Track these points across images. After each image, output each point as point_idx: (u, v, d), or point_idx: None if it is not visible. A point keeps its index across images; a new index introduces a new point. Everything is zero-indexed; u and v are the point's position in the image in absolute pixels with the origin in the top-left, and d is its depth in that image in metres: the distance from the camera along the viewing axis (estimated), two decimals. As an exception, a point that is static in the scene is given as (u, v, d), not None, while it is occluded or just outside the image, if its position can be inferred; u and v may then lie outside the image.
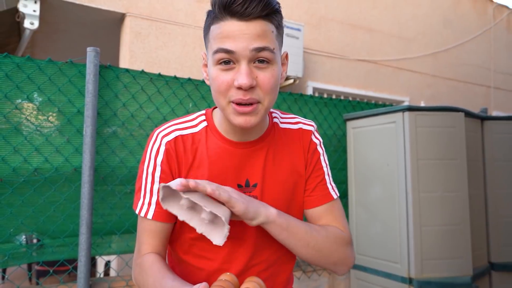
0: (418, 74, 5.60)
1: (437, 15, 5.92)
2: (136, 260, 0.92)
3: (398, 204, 2.34)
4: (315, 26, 4.68)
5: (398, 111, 2.38)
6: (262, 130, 0.96)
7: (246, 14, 0.78)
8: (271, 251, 0.98)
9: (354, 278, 2.66)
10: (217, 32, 0.81)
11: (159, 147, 0.91)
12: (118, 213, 2.07)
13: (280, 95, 2.61)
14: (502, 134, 2.74)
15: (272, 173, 0.95)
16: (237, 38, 0.79)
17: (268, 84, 0.82)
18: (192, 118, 0.97)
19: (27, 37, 3.54)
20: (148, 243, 0.91)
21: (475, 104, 6.04)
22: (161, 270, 0.83)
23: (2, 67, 1.77)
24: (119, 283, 2.05)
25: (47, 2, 3.34)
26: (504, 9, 6.87)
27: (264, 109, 0.85)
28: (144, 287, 0.86)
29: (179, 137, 0.92)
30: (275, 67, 0.84)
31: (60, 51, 4.98)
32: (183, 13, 3.83)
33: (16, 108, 1.81)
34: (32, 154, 1.83)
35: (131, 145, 2.08)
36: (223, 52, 0.80)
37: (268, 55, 0.81)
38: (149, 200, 0.91)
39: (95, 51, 1.94)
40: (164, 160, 0.90)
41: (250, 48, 0.79)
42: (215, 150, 0.92)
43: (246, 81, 0.79)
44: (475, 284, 2.27)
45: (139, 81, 2.12)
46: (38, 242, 1.88)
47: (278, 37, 0.85)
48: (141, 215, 0.91)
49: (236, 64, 0.81)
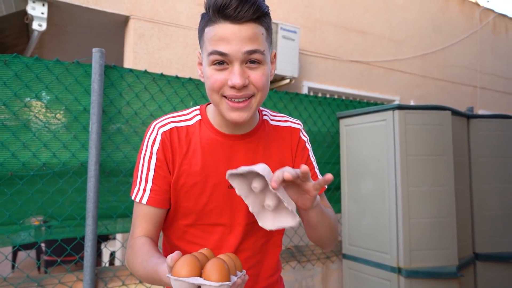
0: (408, 74, 5.61)
1: (426, 19, 5.92)
2: (129, 243, 0.93)
3: (388, 197, 2.35)
4: (310, 28, 4.68)
5: (389, 109, 2.38)
6: (253, 125, 0.98)
7: (238, 18, 0.79)
8: (257, 237, 0.99)
9: (346, 267, 2.67)
10: (211, 35, 0.82)
11: (156, 137, 0.93)
12: (123, 206, 2.07)
13: (277, 94, 2.61)
14: (487, 132, 2.75)
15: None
16: (230, 41, 0.80)
17: (260, 82, 0.85)
18: (187, 112, 0.99)
19: (35, 39, 3.53)
20: (141, 227, 0.92)
21: (462, 103, 6.06)
22: (149, 251, 0.84)
23: (12, 67, 1.76)
24: (123, 271, 2.05)
25: (55, 4, 3.33)
26: (490, 13, 6.87)
27: (256, 103, 0.88)
28: (133, 266, 0.87)
29: (174, 129, 0.94)
30: (265, 66, 0.86)
31: (67, 52, 4.97)
32: (184, 15, 3.82)
33: (25, 106, 1.81)
34: (41, 150, 1.83)
35: (134, 141, 2.08)
36: (217, 54, 0.82)
37: (258, 57, 0.83)
38: (144, 186, 0.92)
39: (100, 51, 1.94)
40: (160, 149, 0.92)
41: (243, 51, 0.81)
42: (208, 141, 0.94)
43: (239, 81, 0.81)
44: (460, 273, 2.28)
45: (142, 81, 2.11)
46: (46, 224, 1.90)
47: (267, 39, 0.87)
48: (136, 200, 0.92)
49: (229, 65, 0.83)
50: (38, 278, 1.87)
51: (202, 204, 0.93)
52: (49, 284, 1.86)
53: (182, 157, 0.93)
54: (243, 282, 0.69)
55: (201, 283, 0.62)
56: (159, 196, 0.91)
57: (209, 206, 0.93)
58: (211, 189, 0.93)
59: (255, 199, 0.82)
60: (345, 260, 2.68)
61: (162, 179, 0.92)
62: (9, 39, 3.71)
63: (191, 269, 0.63)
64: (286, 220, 0.80)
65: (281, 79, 4.13)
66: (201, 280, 0.63)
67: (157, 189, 0.91)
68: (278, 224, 0.80)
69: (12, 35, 3.64)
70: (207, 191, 0.93)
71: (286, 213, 0.80)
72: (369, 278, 2.47)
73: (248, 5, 0.79)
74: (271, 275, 1.04)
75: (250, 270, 0.98)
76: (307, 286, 2.70)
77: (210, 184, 0.93)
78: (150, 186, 0.91)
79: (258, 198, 0.82)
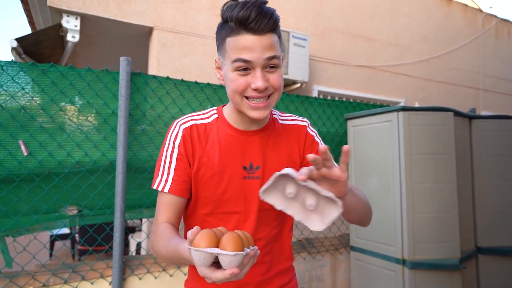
0: (412, 78, 5.52)
1: (430, 24, 5.81)
2: (153, 228, 0.95)
3: (393, 193, 2.33)
4: (319, 36, 4.65)
5: (393, 111, 2.36)
6: (265, 122, 1.01)
7: (260, 30, 0.84)
8: (271, 228, 1.01)
9: (353, 259, 2.66)
10: (235, 44, 0.86)
11: (177, 133, 0.96)
12: (147, 200, 2.11)
13: (288, 97, 2.62)
14: (488, 132, 2.68)
15: (272, 158, 0.99)
16: (253, 50, 0.85)
17: (277, 83, 0.90)
18: (205, 112, 1.03)
19: (69, 49, 3.61)
20: (164, 214, 0.94)
21: (465, 104, 5.92)
22: (171, 233, 0.86)
23: (49, 75, 1.81)
24: (148, 260, 2.09)
25: (86, 18, 3.40)
26: (492, 18, 6.69)
27: (274, 101, 0.92)
28: (156, 248, 0.89)
29: (194, 126, 0.97)
30: (281, 69, 0.91)
31: (97, 61, 5.06)
32: (203, 26, 3.85)
33: (60, 110, 1.85)
34: (74, 149, 1.87)
35: (158, 142, 2.10)
36: (241, 61, 0.86)
37: (276, 62, 0.88)
38: (167, 177, 0.94)
39: (127, 60, 1.98)
40: (181, 143, 0.95)
41: (264, 57, 0.85)
42: (224, 136, 0.97)
43: (262, 84, 0.86)
44: (462, 265, 2.24)
45: (165, 86, 2.14)
46: (79, 212, 1.96)
47: (280, 45, 0.92)
48: (159, 189, 0.94)
49: (251, 70, 0.87)
50: (72, 265, 1.92)
51: (220, 193, 0.95)
52: (82, 271, 1.90)
53: (202, 151, 0.95)
54: (255, 255, 0.70)
55: (218, 253, 0.63)
56: (179, 186, 0.94)
57: (226, 195, 0.95)
58: (227, 179, 0.95)
59: (295, 206, 0.81)
60: (353, 252, 2.66)
61: (182, 171, 0.94)
62: (46, 50, 3.81)
63: (209, 241, 0.64)
64: (331, 211, 0.78)
65: (292, 84, 4.12)
66: (218, 250, 0.64)
67: (178, 179, 0.94)
68: (326, 219, 0.78)
69: (48, 46, 3.74)
70: (224, 181, 0.95)
71: (329, 205, 0.78)
72: (375, 269, 2.45)
73: (266, 18, 0.84)
74: (284, 262, 1.05)
75: (265, 257, 0.99)
76: (316, 276, 2.70)
77: (227, 175, 0.95)
78: (172, 177, 0.94)
79: (297, 203, 0.81)
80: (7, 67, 1.71)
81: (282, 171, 0.77)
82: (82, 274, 1.89)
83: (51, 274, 1.82)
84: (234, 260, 0.63)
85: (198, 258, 0.64)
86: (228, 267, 0.63)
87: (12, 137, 1.72)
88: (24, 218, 1.76)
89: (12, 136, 1.72)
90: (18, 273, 1.78)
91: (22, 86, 1.76)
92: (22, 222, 1.77)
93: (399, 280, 2.26)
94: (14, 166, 1.72)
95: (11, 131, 1.72)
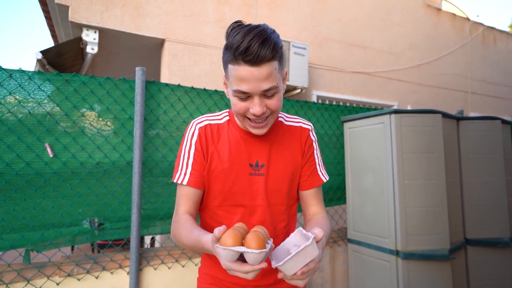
0: (405, 82, 5.51)
1: (421, 33, 5.80)
2: (174, 218, 0.97)
3: (387, 190, 2.34)
4: (318, 45, 4.67)
5: (386, 113, 2.37)
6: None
7: (258, 61, 0.81)
8: (277, 222, 1.03)
9: (350, 250, 2.67)
10: (234, 74, 0.85)
11: (194, 131, 1.00)
12: (161, 199, 2.13)
13: (289, 102, 2.64)
14: (475, 132, 2.68)
15: (277, 157, 1.01)
16: (250, 82, 0.83)
17: (275, 106, 0.90)
18: (218, 113, 1.06)
19: (89, 60, 3.66)
20: (183, 205, 0.97)
21: (454, 107, 5.90)
22: (192, 225, 0.89)
23: (72, 83, 1.85)
24: (162, 252, 2.12)
25: (104, 31, 3.45)
26: (479, 26, 6.66)
27: (272, 120, 0.94)
28: (178, 237, 0.92)
29: (208, 125, 1.01)
30: (279, 92, 0.90)
31: (114, 70, 5.11)
32: (211, 37, 3.89)
33: (82, 115, 1.88)
34: (95, 151, 1.90)
35: (170, 144, 2.13)
36: (240, 92, 0.86)
37: (273, 91, 0.87)
38: (185, 171, 0.97)
39: (142, 69, 2.00)
40: (197, 141, 0.98)
41: (261, 89, 0.84)
42: (234, 136, 1.00)
43: (259, 110, 0.86)
44: (452, 256, 2.24)
45: (176, 93, 2.17)
46: (101, 226, 1.97)
47: (280, 69, 0.88)
48: (179, 182, 0.97)
49: (250, 97, 0.87)
50: (94, 256, 1.95)
51: (228, 187, 0.98)
52: (103, 262, 1.94)
53: (214, 147, 0.99)
54: (272, 248, 0.74)
55: (245, 251, 0.67)
56: (197, 179, 0.97)
57: (234, 189, 0.98)
58: (235, 174, 0.98)
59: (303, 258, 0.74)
60: (350, 244, 2.67)
61: (199, 165, 0.97)
62: (68, 61, 3.87)
63: (235, 240, 0.68)
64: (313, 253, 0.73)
65: (293, 89, 4.14)
66: (244, 248, 0.67)
67: (195, 173, 0.97)
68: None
69: (70, 58, 3.79)
70: (232, 176, 0.98)
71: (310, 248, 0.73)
72: (370, 259, 2.46)
73: (266, 48, 0.80)
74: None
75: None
76: (317, 266, 2.70)
77: (235, 171, 0.98)
78: (190, 171, 0.97)
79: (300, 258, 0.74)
80: (34, 76, 1.75)
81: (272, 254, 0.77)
82: (103, 264, 1.92)
83: (75, 265, 1.85)
84: (259, 257, 0.67)
85: (226, 255, 0.68)
86: (254, 263, 0.67)
87: (39, 140, 1.76)
88: (48, 232, 1.79)
89: (39, 139, 1.76)
90: (45, 264, 1.81)
91: (47, 94, 1.79)
92: (47, 236, 1.78)
93: (393, 269, 2.26)
94: (41, 167, 1.76)
95: (38, 135, 1.76)
